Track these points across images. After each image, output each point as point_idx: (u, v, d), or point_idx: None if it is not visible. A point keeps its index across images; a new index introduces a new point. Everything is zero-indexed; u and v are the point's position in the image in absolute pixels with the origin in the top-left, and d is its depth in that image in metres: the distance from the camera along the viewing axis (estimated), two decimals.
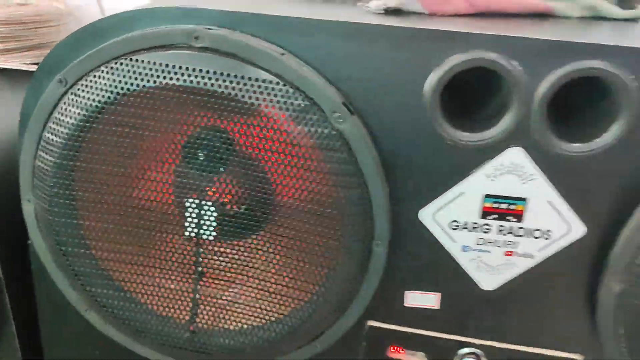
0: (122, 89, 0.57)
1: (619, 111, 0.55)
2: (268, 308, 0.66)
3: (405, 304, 0.68)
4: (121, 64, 0.57)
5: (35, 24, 0.90)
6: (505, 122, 0.56)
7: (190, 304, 0.68)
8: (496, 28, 0.58)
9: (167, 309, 0.69)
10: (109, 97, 0.58)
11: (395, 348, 0.71)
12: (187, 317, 0.69)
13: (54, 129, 0.61)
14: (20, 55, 0.88)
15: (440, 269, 0.65)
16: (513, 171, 0.59)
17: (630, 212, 0.58)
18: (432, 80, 0.56)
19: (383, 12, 0.63)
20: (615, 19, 0.70)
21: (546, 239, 0.61)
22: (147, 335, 0.70)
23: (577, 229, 0.61)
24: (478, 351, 0.68)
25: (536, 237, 0.61)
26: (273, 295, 0.66)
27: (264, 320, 0.67)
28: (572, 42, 0.54)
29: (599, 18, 0.70)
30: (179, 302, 0.68)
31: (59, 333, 0.75)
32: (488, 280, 0.65)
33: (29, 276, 0.72)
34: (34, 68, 0.88)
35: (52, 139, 0.61)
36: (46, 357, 0.78)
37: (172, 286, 0.68)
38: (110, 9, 1.01)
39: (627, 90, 0.53)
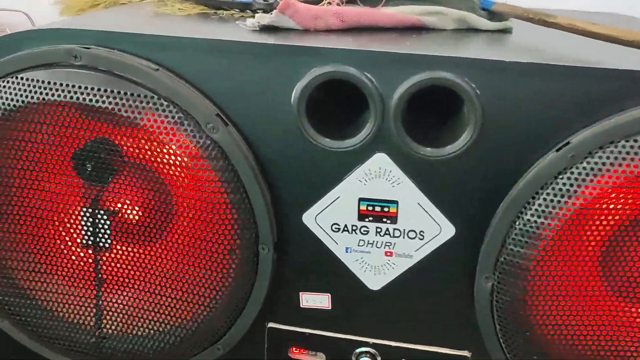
0: (9, 105, 0.67)
1: (468, 119, 0.64)
2: (168, 313, 0.76)
3: (302, 305, 0.77)
4: (8, 82, 0.67)
5: None
6: (367, 129, 0.66)
7: (94, 310, 0.78)
8: (357, 42, 0.67)
9: (72, 315, 0.78)
10: None
11: (296, 349, 0.80)
12: (92, 323, 0.78)
13: None
14: None
15: (328, 270, 0.74)
16: (382, 175, 0.68)
17: (492, 212, 0.67)
18: (297, 91, 0.66)
19: (258, 29, 0.73)
20: (486, 30, 0.79)
21: (420, 239, 0.71)
22: (56, 342, 0.80)
23: (448, 230, 0.70)
24: (372, 350, 0.78)
25: (411, 238, 0.71)
26: (172, 300, 0.76)
27: (166, 325, 0.77)
28: (420, 54, 0.63)
29: (474, 30, 0.79)
30: (84, 309, 0.78)
31: None
32: (373, 280, 0.74)
33: None
34: None
35: None
36: None
37: (76, 293, 0.78)
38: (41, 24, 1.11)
39: (470, 98, 0.63)
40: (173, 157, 0.66)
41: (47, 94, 0.66)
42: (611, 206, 0.62)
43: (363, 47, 0.65)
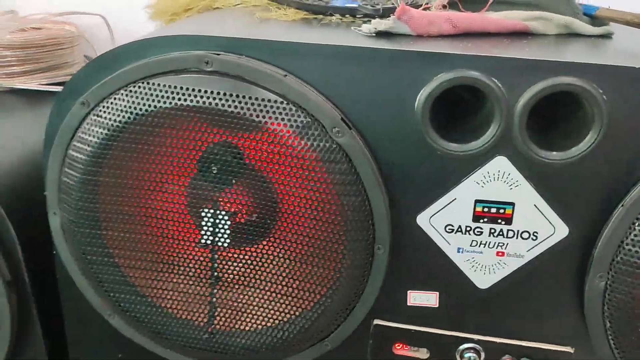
0: (140, 109, 0.68)
1: (592, 122, 0.65)
2: (280, 309, 0.77)
3: (408, 303, 0.78)
4: (139, 87, 0.69)
5: (49, 47, 1.03)
6: (490, 134, 0.67)
7: (208, 307, 0.79)
8: (478, 48, 0.68)
9: (186, 312, 0.79)
10: (129, 117, 0.69)
11: (400, 345, 0.81)
12: (205, 320, 0.79)
13: (79, 147, 0.72)
14: (36, 76, 1.01)
15: (438, 269, 0.75)
16: (500, 178, 0.69)
17: (609, 213, 0.68)
18: (422, 96, 0.67)
19: (374, 35, 0.74)
20: (588, 36, 0.80)
21: (534, 239, 0.72)
22: (168, 338, 0.81)
23: (561, 230, 0.71)
24: (477, 346, 0.79)
25: (524, 238, 0.72)
26: (285, 298, 0.77)
27: (277, 321, 0.78)
28: (548, 60, 0.65)
29: (574, 35, 0.80)
30: (197, 306, 0.79)
31: (84, 337, 0.87)
32: (482, 279, 0.75)
33: (55, 284, 0.83)
34: (50, 88, 1.01)
35: (77, 157, 0.72)
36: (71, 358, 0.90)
37: (191, 290, 0.79)
38: (118, 30, 1.13)
39: (597, 103, 0.64)
40: (299, 160, 0.67)
41: (179, 99, 0.67)
42: None
43: (488, 53, 0.65)
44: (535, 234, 0.71)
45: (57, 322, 0.87)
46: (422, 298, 0.77)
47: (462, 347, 0.79)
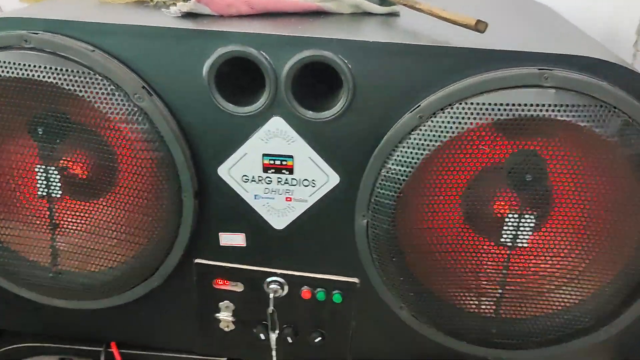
0: None
1: (342, 88, 0.77)
2: (114, 252, 0.88)
3: (221, 244, 0.89)
4: None
5: None
6: (263, 97, 0.78)
7: (51, 250, 0.89)
8: (259, 26, 0.79)
9: (33, 255, 0.90)
10: None
11: (220, 280, 0.93)
12: (49, 261, 0.90)
13: None
14: None
15: (241, 214, 0.86)
16: (279, 135, 0.81)
17: (366, 163, 0.80)
18: (206, 66, 0.78)
19: (180, 15, 0.84)
20: (378, 14, 0.91)
21: (313, 187, 0.83)
22: (20, 277, 0.91)
23: (334, 178, 0.82)
24: (280, 279, 0.91)
25: (305, 186, 0.83)
26: (116, 242, 0.88)
27: (113, 262, 0.89)
28: (304, 36, 0.75)
29: (366, 14, 0.92)
30: (42, 249, 0.89)
31: None
32: (278, 221, 0.87)
33: None
34: None
35: None
36: None
37: (34, 236, 0.89)
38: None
39: (344, 72, 0.75)
40: (108, 122, 0.78)
41: (3, 71, 0.77)
42: (453, 155, 0.74)
43: (260, 31, 0.76)
44: (313, 181, 0.83)
45: None
46: (232, 239, 0.89)
47: (268, 279, 0.90)
